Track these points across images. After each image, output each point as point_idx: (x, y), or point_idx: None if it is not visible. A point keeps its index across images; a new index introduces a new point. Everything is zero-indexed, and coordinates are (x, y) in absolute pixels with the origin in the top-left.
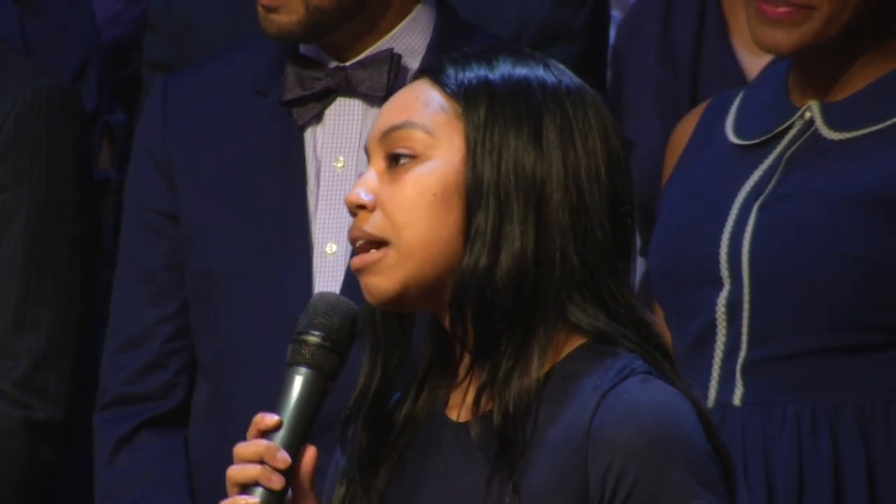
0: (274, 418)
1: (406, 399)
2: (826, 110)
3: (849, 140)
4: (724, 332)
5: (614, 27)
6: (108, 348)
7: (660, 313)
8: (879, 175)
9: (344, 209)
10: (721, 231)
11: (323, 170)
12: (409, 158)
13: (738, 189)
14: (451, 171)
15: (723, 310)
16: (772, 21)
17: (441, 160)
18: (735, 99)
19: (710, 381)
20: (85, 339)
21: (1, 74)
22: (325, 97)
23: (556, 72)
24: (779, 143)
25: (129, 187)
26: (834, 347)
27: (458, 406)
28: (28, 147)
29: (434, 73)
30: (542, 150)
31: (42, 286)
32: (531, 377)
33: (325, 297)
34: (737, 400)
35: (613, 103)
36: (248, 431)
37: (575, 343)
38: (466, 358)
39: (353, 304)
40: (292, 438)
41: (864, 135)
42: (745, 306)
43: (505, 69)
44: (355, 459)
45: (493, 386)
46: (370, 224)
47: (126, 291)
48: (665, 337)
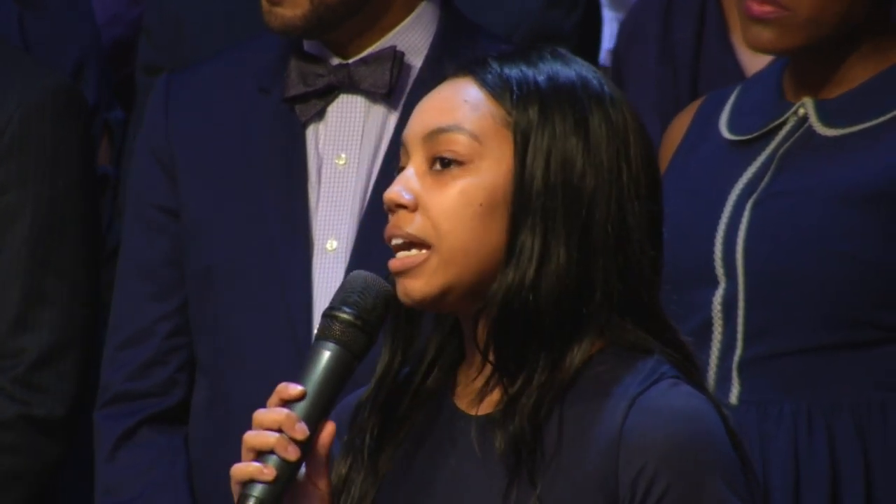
0: (298, 388)
1: (413, 382)
2: (820, 107)
3: (843, 137)
4: (720, 330)
5: (615, 28)
6: (109, 345)
7: None
8: (873, 172)
9: (345, 206)
10: (715, 229)
11: (325, 166)
12: (456, 164)
13: (732, 186)
14: (498, 183)
15: (718, 308)
16: (758, 20)
17: (488, 170)
18: (730, 96)
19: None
20: (90, 337)
21: (4, 73)
22: (328, 94)
23: (599, 79)
24: (772, 139)
25: (131, 184)
26: (830, 345)
27: (468, 395)
28: (33, 147)
29: (479, 72)
30: (591, 163)
31: (46, 285)
32: (561, 388)
33: (362, 276)
34: (733, 398)
35: None
36: (270, 399)
37: (599, 344)
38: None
39: (388, 286)
40: (313, 411)
41: (858, 131)
42: (741, 304)
43: (552, 73)
44: (362, 439)
45: (523, 397)
46: (413, 226)
47: (127, 288)
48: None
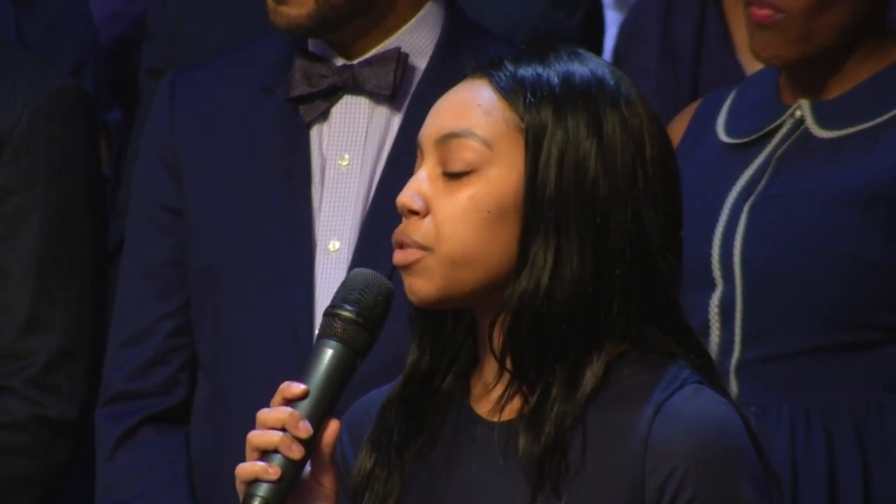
0: (301, 387)
1: (434, 382)
2: (817, 109)
3: (839, 138)
4: (717, 332)
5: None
6: (111, 344)
7: None
8: (872, 173)
9: (348, 207)
10: (713, 231)
11: (328, 167)
12: (467, 171)
13: (730, 189)
14: (509, 190)
15: (716, 311)
16: (760, 25)
17: (499, 177)
18: (727, 98)
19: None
20: (98, 338)
21: (9, 74)
22: (332, 95)
23: (615, 79)
24: (769, 141)
25: (135, 183)
26: (827, 346)
27: (488, 402)
28: (41, 149)
29: (494, 74)
30: (605, 168)
31: (55, 286)
32: (581, 402)
33: (363, 274)
34: None
35: None
36: (273, 399)
37: (620, 349)
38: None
39: (389, 283)
40: (316, 410)
41: (855, 133)
42: (738, 307)
43: (567, 74)
44: (388, 436)
45: (545, 406)
46: (419, 234)
47: (130, 287)
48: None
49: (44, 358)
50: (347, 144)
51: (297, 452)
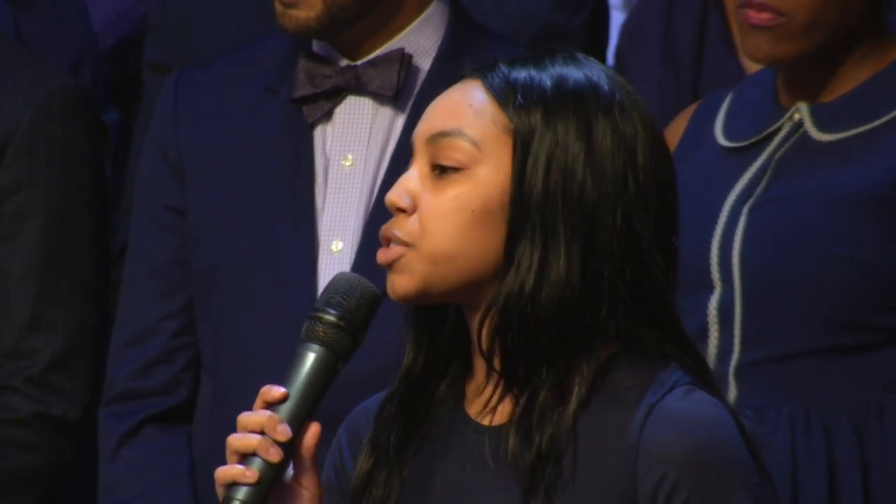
0: (280, 390)
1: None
2: (815, 112)
3: (838, 141)
4: (716, 334)
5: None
6: (114, 343)
7: None
8: (869, 175)
9: (351, 208)
10: (711, 234)
11: (331, 168)
12: (454, 171)
13: (728, 192)
14: (494, 191)
15: (714, 313)
16: (756, 28)
17: (486, 177)
18: (724, 100)
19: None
20: (101, 337)
21: (10, 74)
22: (336, 95)
23: (611, 85)
24: (768, 145)
25: (139, 182)
26: (826, 348)
27: (479, 404)
28: (43, 148)
29: (488, 76)
30: (593, 173)
31: (58, 286)
32: (571, 406)
33: (346, 277)
34: (730, 402)
35: None
36: (255, 402)
37: (610, 351)
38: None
39: (373, 287)
40: (296, 413)
41: (854, 135)
42: (737, 309)
43: (560, 78)
44: (387, 437)
45: (535, 409)
46: (404, 230)
47: (133, 286)
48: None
49: (46, 358)
50: (351, 145)
51: (275, 455)
